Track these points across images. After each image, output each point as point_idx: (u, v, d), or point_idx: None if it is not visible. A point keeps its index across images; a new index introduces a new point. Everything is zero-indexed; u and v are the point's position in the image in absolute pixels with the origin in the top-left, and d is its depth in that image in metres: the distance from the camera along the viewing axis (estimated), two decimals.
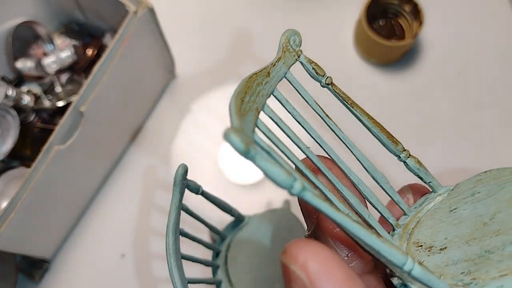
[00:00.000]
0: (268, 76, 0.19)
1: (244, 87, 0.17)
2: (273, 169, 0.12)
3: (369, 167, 0.20)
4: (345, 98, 0.21)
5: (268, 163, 0.12)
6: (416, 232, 0.19)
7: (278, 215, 0.37)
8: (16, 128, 0.40)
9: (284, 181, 0.12)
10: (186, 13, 0.51)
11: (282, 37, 0.21)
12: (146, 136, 0.47)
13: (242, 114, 0.15)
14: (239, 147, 0.12)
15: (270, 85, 0.19)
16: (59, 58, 0.44)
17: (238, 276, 0.33)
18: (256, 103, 0.18)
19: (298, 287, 0.13)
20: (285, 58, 0.21)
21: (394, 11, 0.47)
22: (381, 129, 0.20)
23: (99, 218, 0.45)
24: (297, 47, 0.21)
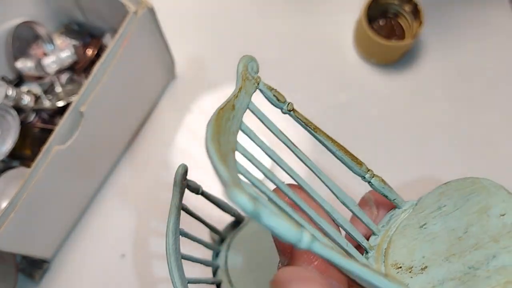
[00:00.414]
0: (233, 110, 0.19)
1: (215, 127, 0.16)
2: (282, 224, 0.12)
3: (338, 192, 0.20)
4: (308, 124, 0.21)
5: (276, 218, 0.12)
6: (391, 253, 0.19)
7: None
8: (16, 128, 0.40)
9: (293, 236, 0.12)
10: (186, 13, 0.51)
11: (240, 65, 0.20)
12: (146, 136, 0.47)
13: (225, 160, 0.15)
14: (248, 208, 0.11)
15: (237, 119, 0.19)
16: (59, 58, 0.44)
17: (238, 276, 0.33)
18: (230, 142, 0.17)
19: None
20: (245, 87, 0.20)
21: (394, 11, 0.47)
22: (345, 151, 0.20)
23: (99, 218, 0.45)
24: (256, 74, 0.21)
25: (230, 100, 0.19)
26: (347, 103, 0.47)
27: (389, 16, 0.48)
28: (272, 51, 0.50)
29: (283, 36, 0.50)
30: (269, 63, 0.50)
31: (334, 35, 0.50)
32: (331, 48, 0.49)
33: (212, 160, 0.15)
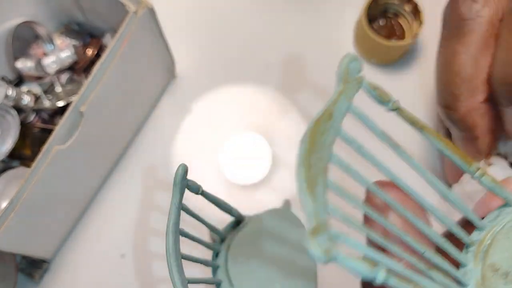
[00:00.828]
0: (330, 119, 0.17)
1: (309, 145, 0.16)
2: (357, 265, 0.13)
3: (442, 190, 0.19)
4: (415, 122, 0.20)
5: (351, 261, 0.13)
6: (491, 253, 0.19)
7: (279, 215, 0.37)
8: (16, 128, 0.40)
9: (369, 274, 0.13)
10: (186, 13, 0.51)
11: (341, 67, 0.18)
12: (146, 136, 0.47)
13: (312, 188, 0.15)
14: (321, 259, 0.13)
15: (333, 129, 0.17)
16: (59, 58, 0.44)
17: (239, 276, 0.33)
18: (322, 159, 0.16)
19: None
20: (345, 90, 0.18)
21: (394, 11, 0.47)
22: (454, 150, 0.19)
23: (99, 218, 0.45)
24: (358, 74, 0.19)
25: (328, 108, 0.17)
26: None
27: (389, 16, 0.48)
28: (272, 51, 0.49)
29: (283, 36, 0.50)
30: (269, 63, 0.50)
31: (334, 35, 0.50)
32: (331, 48, 0.49)
33: (299, 193, 0.14)
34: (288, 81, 0.48)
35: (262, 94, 0.48)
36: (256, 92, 0.48)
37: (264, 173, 0.45)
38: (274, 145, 0.46)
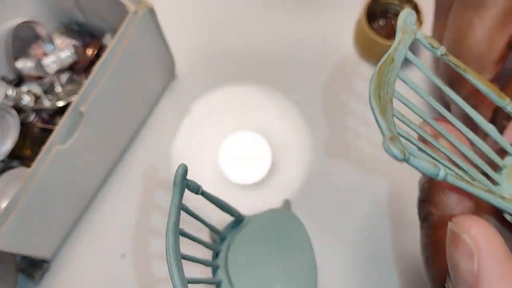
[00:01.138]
0: (392, 62, 0.21)
1: (377, 82, 0.19)
2: (424, 165, 0.16)
3: (480, 121, 0.23)
4: (459, 65, 0.23)
5: (420, 161, 0.16)
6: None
7: (278, 215, 0.37)
8: (16, 128, 0.40)
9: (432, 172, 0.16)
10: (186, 13, 0.51)
11: (400, 20, 0.22)
12: (146, 136, 0.47)
13: (384, 112, 0.18)
14: (399, 157, 0.16)
15: (395, 70, 0.22)
16: (59, 58, 0.44)
17: (238, 276, 0.33)
18: (388, 93, 0.20)
19: (464, 252, 0.16)
20: (404, 39, 0.22)
21: (394, 11, 0.47)
22: (491, 88, 0.23)
23: (99, 218, 0.45)
24: (413, 26, 0.23)
25: (390, 54, 0.21)
26: (347, 103, 0.47)
27: (389, 16, 0.48)
28: (272, 51, 0.50)
29: (283, 36, 0.50)
30: (269, 63, 0.50)
31: (334, 35, 0.50)
32: (332, 48, 0.49)
33: (374, 115, 0.18)
34: (288, 81, 0.48)
35: (262, 94, 0.48)
36: (256, 92, 0.48)
37: (264, 173, 0.45)
38: (274, 145, 0.46)
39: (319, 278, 0.35)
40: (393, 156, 0.16)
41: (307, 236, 0.35)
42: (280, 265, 0.34)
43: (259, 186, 0.45)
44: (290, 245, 0.35)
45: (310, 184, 0.45)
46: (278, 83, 0.48)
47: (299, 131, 0.47)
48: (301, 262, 0.34)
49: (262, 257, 0.34)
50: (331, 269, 0.43)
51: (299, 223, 0.36)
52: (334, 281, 0.43)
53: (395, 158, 0.16)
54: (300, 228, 0.36)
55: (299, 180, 0.45)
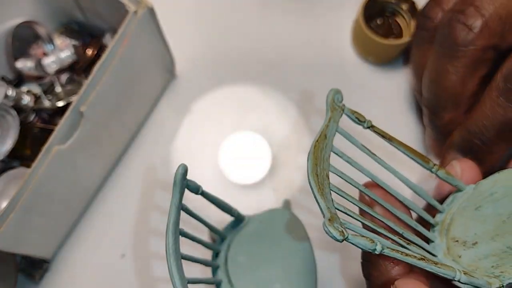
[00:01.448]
0: (325, 139, 0.23)
1: (313, 160, 0.21)
2: (362, 242, 0.18)
3: (411, 185, 0.25)
4: (384, 135, 0.25)
5: (357, 239, 0.18)
6: (452, 229, 0.24)
7: (279, 215, 0.37)
8: (16, 128, 0.40)
9: (370, 248, 0.18)
10: (186, 13, 0.51)
11: (328, 98, 0.25)
12: (146, 136, 0.47)
13: (322, 190, 0.20)
14: (338, 239, 0.18)
15: (328, 146, 0.23)
16: (59, 58, 0.44)
17: (238, 276, 0.33)
18: (324, 169, 0.21)
19: None
20: (334, 116, 0.24)
21: (392, 10, 0.47)
22: (414, 153, 0.25)
23: (99, 218, 0.45)
24: (341, 103, 0.25)
25: (322, 131, 0.23)
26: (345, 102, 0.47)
27: (387, 15, 0.48)
28: (272, 51, 0.50)
29: (282, 36, 0.50)
30: (268, 63, 0.50)
31: (333, 34, 0.50)
32: (330, 47, 0.50)
33: (313, 193, 0.20)
34: (288, 81, 0.48)
35: (262, 94, 0.48)
36: (256, 92, 0.48)
37: (264, 173, 0.46)
38: (274, 145, 0.46)
39: (319, 278, 0.35)
40: (333, 238, 0.18)
41: (307, 236, 0.35)
42: (280, 265, 0.34)
43: (259, 186, 0.45)
44: (290, 245, 0.35)
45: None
46: (278, 83, 0.48)
47: (299, 131, 0.47)
48: (301, 262, 0.34)
49: (262, 257, 0.34)
50: (331, 269, 0.43)
51: (299, 223, 0.36)
52: (334, 281, 0.43)
53: (335, 239, 0.18)
54: (300, 228, 0.36)
55: (299, 180, 0.45)
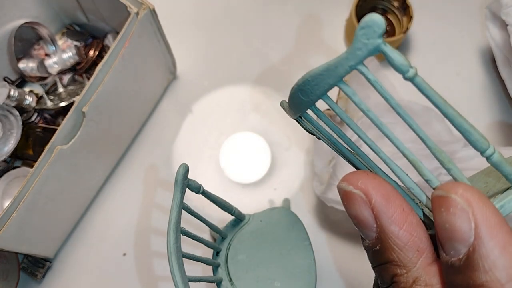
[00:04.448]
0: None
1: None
2: (398, 56, 0.14)
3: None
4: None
5: (395, 52, 0.14)
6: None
7: (279, 214, 0.37)
8: (19, 128, 0.40)
9: (404, 66, 0.14)
10: (187, 14, 0.51)
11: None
12: (147, 136, 0.47)
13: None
14: (380, 22, 0.13)
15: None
16: (61, 58, 0.44)
17: (239, 274, 0.34)
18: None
19: (457, 211, 0.15)
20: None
21: (383, 8, 0.48)
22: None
23: (100, 217, 0.45)
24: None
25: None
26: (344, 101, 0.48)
27: (378, 13, 0.48)
28: (272, 52, 0.50)
29: (282, 37, 0.50)
30: (268, 64, 0.50)
31: (327, 34, 0.50)
32: (324, 46, 0.50)
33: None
34: (288, 81, 0.48)
35: (261, 94, 0.48)
36: (255, 93, 0.48)
37: (264, 172, 0.46)
38: (274, 145, 0.47)
39: (318, 276, 0.35)
40: (376, 25, 0.14)
41: (306, 234, 0.35)
42: (280, 264, 0.34)
43: (259, 185, 0.46)
44: (290, 243, 0.35)
45: (309, 183, 0.45)
46: (278, 84, 0.49)
47: (299, 131, 0.47)
48: (301, 260, 0.34)
49: (262, 255, 0.35)
50: (330, 267, 0.43)
51: (298, 221, 0.36)
52: (333, 278, 0.43)
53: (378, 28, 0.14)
54: (300, 226, 0.36)
55: (299, 179, 0.46)
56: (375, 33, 0.14)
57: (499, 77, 0.47)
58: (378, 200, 0.17)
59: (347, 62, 0.15)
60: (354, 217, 0.18)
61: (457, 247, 0.15)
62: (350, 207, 0.18)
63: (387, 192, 0.17)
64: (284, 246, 0.35)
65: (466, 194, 0.15)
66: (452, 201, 0.15)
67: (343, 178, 0.18)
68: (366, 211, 0.17)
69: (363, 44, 0.14)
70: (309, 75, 0.17)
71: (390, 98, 0.16)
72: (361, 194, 0.17)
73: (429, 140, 0.16)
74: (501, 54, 0.45)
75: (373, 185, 0.17)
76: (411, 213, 0.17)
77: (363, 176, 0.17)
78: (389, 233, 0.17)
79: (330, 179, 0.39)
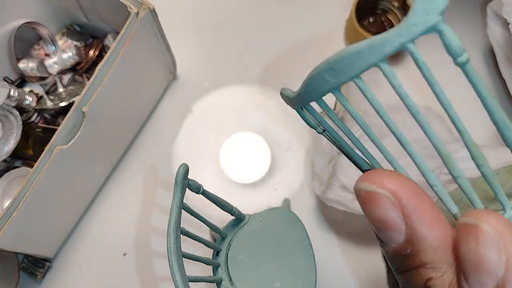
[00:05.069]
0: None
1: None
2: (455, 38, 0.13)
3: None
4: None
5: (453, 33, 0.13)
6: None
7: (279, 214, 0.37)
8: (19, 128, 0.40)
9: (460, 48, 0.13)
10: (187, 14, 0.51)
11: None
12: (147, 136, 0.47)
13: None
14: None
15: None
16: (61, 59, 0.44)
17: (239, 274, 0.34)
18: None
19: (488, 241, 0.14)
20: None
21: (383, 7, 0.48)
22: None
23: (101, 217, 0.45)
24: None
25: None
26: None
27: (378, 13, 0.48)
28: (272, 52, 0.50)
29: (281, 38, 0.50)
30: (268, 64, 0.50)
31: (327, 35, 0.50)
32: (324, 47, 0.50)
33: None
34: (287, 81, 0.48)
35: (261, 94, 0.48)
36: (255, 93, 0.48)
37: (264, 172, 0.46)
38: (274, 145, 0.47)
39: (318, 276, 0.35)
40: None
41: (306, 234, 0.35)
42: (280, 264, 0.34)
43: (259, 185, 0.46)
44: (290, 243, 0.35)
45: (309, 183, 0.45)
46: (278, 83, 0.49)
47: (299, 131, 0.47)
48: (301, 260, 0.34)
49: (262, 255, 0.35)
50: (330, 267, 0.43)
51: (298, 222, 0.36)
52: (333, 279, 0.43)
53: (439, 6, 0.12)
54: (300, 226, 0.36)
55: (299, 179, 0.46)
56: (437, 9, 0.13)
57: (500, 76, 0.47)
58: (409, 199, 0.15)
59: (398, 38, 0.13)
60: (378, 220, 0.16)
61: (484, 280, 0.14)
62: (374, 209, 0.16)
63: (416, 190, 0.16)
64: (284, 246, 0.35)
65: (497, 225, 0.14)
66: (481, 230, 0.14)
67: (362, 178, 0.16)
68: (395, 212, 0.15)
69: (422, 19, 0.13)
70: (346, 52, 0.15)
71: (435, 84, 0.15)
72: (388, 193, 0.15)
73: (441, 147, 0.15)
74: (502, 53, 0.44)
75: (400, 183, 0.16)
76: (440, 211, 0.16)
77: (387, 174, 0.16)
78: (422, 233, 0.15)
79: (330, 179, 0.39)
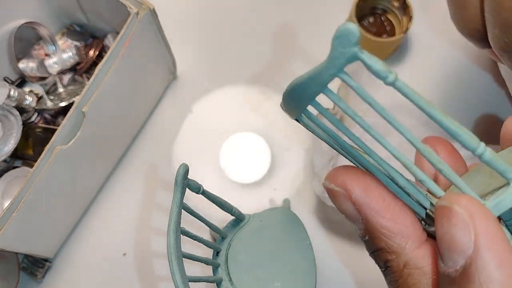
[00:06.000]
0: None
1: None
2: (378, 63, 0.14)
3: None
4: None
5: (372, 59, 0.14)
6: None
7: (279, 214, 0.37)
8: (19, 128, 0.40)
9: (384, 72, 0.14)
10: (187, 14, 0.51)
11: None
12: (148, 136, 0.47)
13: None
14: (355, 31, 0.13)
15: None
16: (61, 59, 0.44)
17: (239, 274, 0.34)
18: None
19: (459, 222, 0.15)
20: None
21: (383, 8, 0.48)
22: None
23: (101, 217, 0.45)
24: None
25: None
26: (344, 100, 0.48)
27: (378, 13, 0.48)
28: (272, 52, 0.50)
29: (281, 38, 0.50)
30: (268, 64, 0.50)
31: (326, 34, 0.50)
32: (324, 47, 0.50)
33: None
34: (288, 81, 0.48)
35: (262, 94, 0.48)
36: (256, 93, 0.48)
37: (264, 172, 0.46)
38: (274, 145, 0.47)
39: (318, 276, 0.35)
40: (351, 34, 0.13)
41: (306, 234, 0.36)
42: (280, 264, 0.34)
43: (259, 185, 0.46)
44: (290, 243, 0.35)
45: (309, 183, 0.45)
46: (278, 83, 0.49)
47: (299, 131, 0.47)
48: (301, 260, 0.34)
49: (262, 255, 0.35)
50: (330, 267, 0.43)
51: (298, 222, 0.36)
52: (333, 279, 0.43)
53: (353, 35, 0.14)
54: (300, 226, 0.36)
55: (299, 179, 0.46)
56: (350, 42, 0.14)
57: (500, 75, 0.47)
58: (358, 194, 0.17)
59: (328, 70, 0.16)
60: (341, 212, 0.18)
61: (456, 258, 0.15)
62: (336, 203, 0.18)
63: (366, 184, 0.18)
64: (284, 246, 0.35)
65: (469, 206, 0.15)
66: (454, 212, 0.15)
67: (326, 176, 0.19)
68: (350, 206, 0.18)
69: (340, 53, 0.15)
70: (295, 83, 0.17)
71: (373, 103, 0.16)
72: (341, 190, 0.18)
73: (419, 143, 0.16)
74: None
75: (351, 180, 0.18)
76: (393, 201, 0.18)
77: (342, 172, 0.18)
78: (374, 223, 0.17)
79: None
